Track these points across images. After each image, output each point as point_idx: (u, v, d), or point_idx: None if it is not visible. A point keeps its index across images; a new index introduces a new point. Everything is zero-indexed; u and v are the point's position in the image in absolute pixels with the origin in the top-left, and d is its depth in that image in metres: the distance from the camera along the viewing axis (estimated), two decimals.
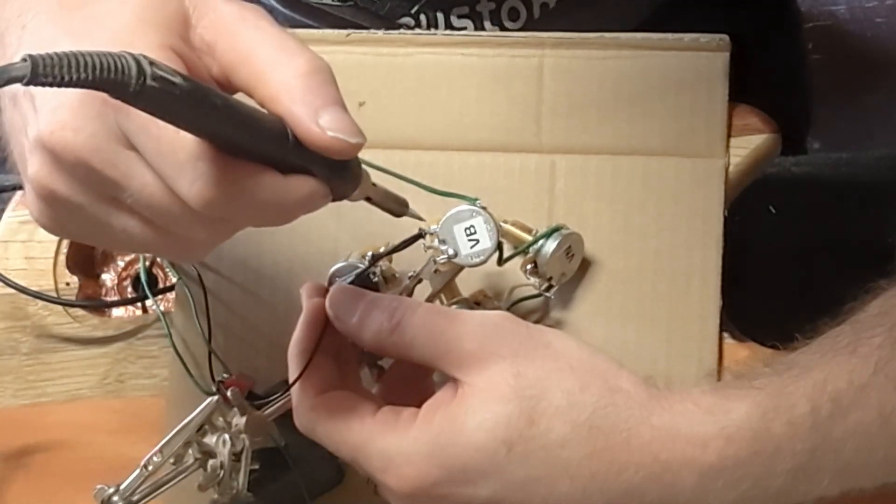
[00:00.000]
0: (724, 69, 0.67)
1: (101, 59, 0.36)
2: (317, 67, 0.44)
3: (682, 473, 0.49)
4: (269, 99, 0.44)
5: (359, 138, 0.44)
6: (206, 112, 0.41)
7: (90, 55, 0.36)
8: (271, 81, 0.44)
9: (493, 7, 0.77)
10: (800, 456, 0.49)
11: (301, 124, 0.43)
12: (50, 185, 0.45)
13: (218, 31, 0.45)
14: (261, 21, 0.45)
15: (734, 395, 0.50)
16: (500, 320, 0.52)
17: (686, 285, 0.65)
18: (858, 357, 0.50)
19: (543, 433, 0.49)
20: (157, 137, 0.42)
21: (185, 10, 0.46)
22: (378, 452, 0.51)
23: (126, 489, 0.57)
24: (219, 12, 0.46)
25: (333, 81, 0.45)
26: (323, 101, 0.43)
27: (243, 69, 0.44)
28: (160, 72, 0.38)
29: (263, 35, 0.45)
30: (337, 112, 0.44)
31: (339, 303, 0.53)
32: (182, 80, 0.39)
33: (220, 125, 0.41)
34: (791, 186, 0.80)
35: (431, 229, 0.59)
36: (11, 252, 0.70)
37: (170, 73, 0.38)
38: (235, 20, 0.45)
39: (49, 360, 0.70)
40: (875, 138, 1.56)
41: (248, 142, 0.43)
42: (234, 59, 0.45)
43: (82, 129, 0.43)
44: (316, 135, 0.43)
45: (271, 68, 0.44)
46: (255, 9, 0.46)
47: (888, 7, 1.62)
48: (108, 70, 0.36)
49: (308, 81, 0.43)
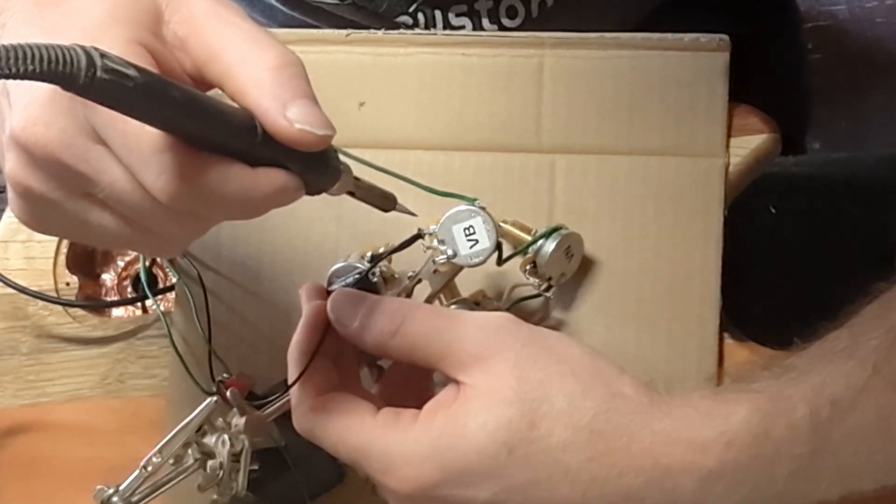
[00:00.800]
0: (724, 69, 0.67)
1: (51, 52, 0.36)
2: (287, 62, 0.44)
3: (682, 478, 0.49)
4: (238, 93, 0.44)
5: (327, 130, 0.44)
6: (165, 105, 0.40)
7: (39, 47, 0.36)
8: (241, 75, 0.44)
9: (492, 5, 0.77)
10: (799, 459, 0.49)
11: (268, 117, 0.43)
12: (25, 181, 0.46)
13: (190, 27, 0.46)
14: (233, 17, 0.46)
15: (733, 400, 0.50)
16: (502, 322, 0.52)
17: (686, 285, 0.65)
18: (856, 360, 0.50)
19: (544, 436, 0.49)
20: (122, 131, 0.42)
21: (158, 6, 0.46)
22: (378, 453, 0.51)
23: (126, 490, 0.57)
24: (192, 8, 0.46)
25: (304, 75, 0.45)
26: (292, 94, 0.43)
27: (214, 64, 0.45)
28: (112, 64, 0.38)
29: (235, 30, 0.45)
30: (306, 105, 0.44)
31: (340, 307, 0.53)
32: (136, 72, 0.39)
33: (182, 118, 0.41)
34: (791, 186, 0.80)
35: (431, 229, 0.59)
36: (11, 252, 0.70)
37: (123, 66, 0.38)
38: (208, 15, 0.46)
39: (49, 360, 0.70)
40: (875, 138, 1.56)
41: (212, 135, 0.43)
42: (205, 54, 0.45)
43: (52, 124, 0.44)
44: (283, 127, 0.43)
45: (241, 62, 0.44)
46: (228, 4, 0.46)
47: (888, 7, 1.62)
48: (55, 62, 0.36)
49: (277, 75, 0.44)
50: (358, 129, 0.68)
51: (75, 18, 0.45)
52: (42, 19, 0.46)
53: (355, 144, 0.65)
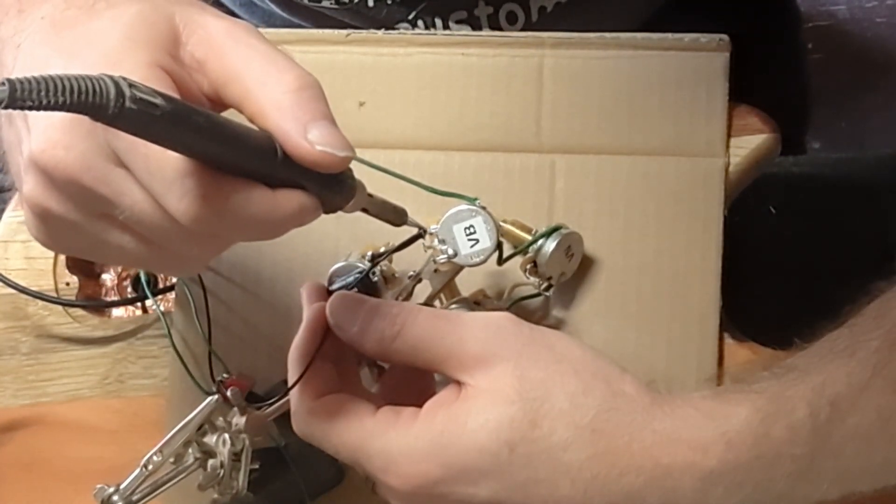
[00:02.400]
0: (724, 69, 0.67)
1: (80, 83, 0.36)
2: (306, 83, 0.44)
3: (682, 478, 0.49)
4: (258, 115, 0.44)
5: (347, 152, 0.44)
6: (190, 131, 0.41)
7: (68, 78, 0.36)
8: (260, 97, 0.44)
9: (491, 11, 0.77)
10: (799, 460, 0.49)
11: (289, 139, 0.43)
12: (44, 202, 0.46)
13: (208, 48, 0.45)
14: (251, 38, 0.46)
15: (734, 400, 0.50)
16: (503, 322, 0.52)
17: (686, 285, 0.65)
18: (856, 360, 0.50)
19: (546, 435, 0.49)
20: (144, 155, 0.42)
21: (175, 28, 0.46)
22: (378, 451, 0.51)
23: (126, 489, 0.57)
24: (209, 29, 0.46)
25: (323, 97, 0.45)
26: (311, 115, 0.44)
27: (233, 86, 0.45)
28: (140, 94, 0.38)
29: (253, 52, 0.45)
30: (325, 127, 0.44)
31: (340, 311, 0.53)
32: (163, 100, 0.39)
33: (205, 144, 0.42)
34: (791, 186, 0.80)
35: (431, 229, 0.59)
36: (11, 252, 0.70)
37: (150, 95, 0.38)
38: (225, 37, 0.46)
39: (49, 360, 0.70)
40: (875, 138, 1.56)
41: (234, 158, 0.43)
42: (223, 76, 0.45)
43: (73, 147, 0.44)
44: (304, 149, 0.43)
45: (260, 84, 0.44)
46: (245, 26, 0.46)
47: (888, 7, 1.62)
48: (86, 94, 0.37)
49: (297, 97, 0.44)
50: (358, 129, 0.67)
51: (93, 41, 0.45)
52: (59, 41, 0.46)
53: (355, 144, 0.64)
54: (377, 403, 0.52)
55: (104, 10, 0.46)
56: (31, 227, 0.48)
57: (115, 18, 0.45)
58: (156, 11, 0.46)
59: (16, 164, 0.48)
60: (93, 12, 0.46)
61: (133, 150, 0.43)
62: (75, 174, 0.44)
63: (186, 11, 0.46)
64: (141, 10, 0.45)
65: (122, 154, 0.43)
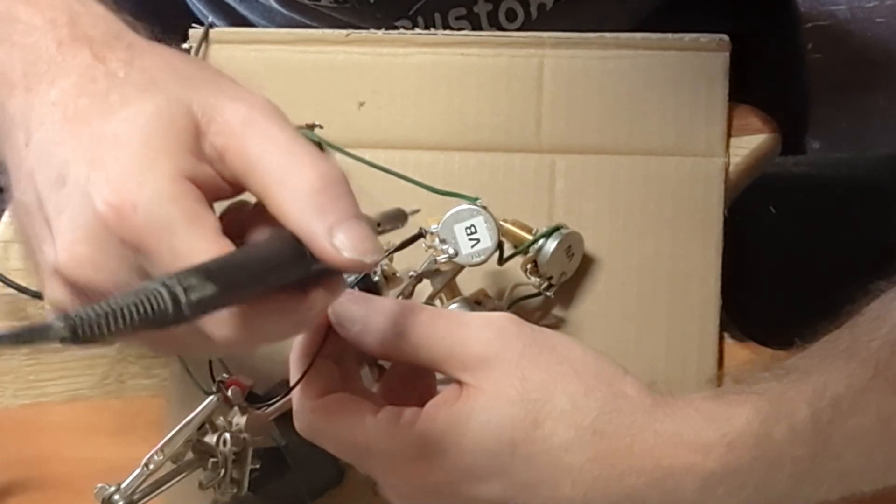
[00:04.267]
0: (724, 69, 0.67)
1: (137, 306, 0.36)
2: (329, 180, 0.43)
3: (683, 480, 0.49)
4: (280, 214, 0.43)
5: (375, 255, 0.43)
6: (236, 297, 0.41)
7: (126, 304, 0.36)
8: (282, 197, 0.43)
9: (491, 8, 0.77)
10: (800, 461, 0.49)
11: (315, 244, 0.42)
12: (69, 304, 0.45)
13: (227, 138, 0.44)
14: (270, 125, 0.44)
15: (735, 401, 0.50)
16: (504, 323, 0.52)
17: (686, 285, 0.65)
18: (857, 361, 0.50)
19: (547, 436, 0.49)
20: None
21: (195, 120, 0.44)
22: (380, 451, 0.51)
23: (127, 488, 0.57)
24: (226, 116, 0.44)
25: (347, 191, 0.44)
26: (336, 217, 0.42)
27: (254, 179, 0.44)
28: (195, 295, 0.37)
29: (273, 144, 0.44)
30: (351, 229, 0.42)
31: (342, 310, 0.53)
32: (214, 286, 0.38)
33: (246, 296, 0.41)
34: (791, 186, 0.80)
35: (432, 229, 0.59)
36: (11, 252, 0.70)
37: (202, 286, 0.38)
38: (244, 125, 0.44)
39: (49, 360, 0.69)
40: (875, 138, 1.56)
41: (271, 287, 0.42)
42: (243, 169, 0.44)
43: (103, 265, 0.43)
44: (331, 256, 0.42)
45: (281, 182, 0.43)
46: (263, 108, 0.45)
47: (888, 7, 1.62)
48: (145, 314, 0.36)
49: (319, 198, 0.42)
50: (358, 129, 0.68)
51: (112, 146, 0.43)
52: (76, 141, 0.44)
53: (355, 144, 0.65)
54: (378, 403, 0.52)
55: (119, 105, 0.44)
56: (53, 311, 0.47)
57: (131, 121, 0.44)
58: (172, 106, 0.44)
59: (33, 251, 0.46)
60: (107, 107, 0.44)
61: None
62: (105, 288, 0.43)
63: (203, 97, 0.45)
64: (158, 108, 0.44)
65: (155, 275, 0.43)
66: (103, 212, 0.42)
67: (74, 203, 0.43)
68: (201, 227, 0.42)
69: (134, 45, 0.47)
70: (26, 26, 0.48)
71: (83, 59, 0.46)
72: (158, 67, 0.46)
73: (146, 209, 0.42)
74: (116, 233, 0.42)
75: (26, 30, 0.48)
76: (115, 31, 0.48)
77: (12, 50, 0.48)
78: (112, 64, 0.46)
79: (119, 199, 0.42)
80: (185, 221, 0.42)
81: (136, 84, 0.45)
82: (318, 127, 0.65)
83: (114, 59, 0.46)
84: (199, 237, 0.42)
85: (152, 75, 0.46)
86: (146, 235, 0.42)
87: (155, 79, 0.45)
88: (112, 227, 0.42)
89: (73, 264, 0.43)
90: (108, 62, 0.46)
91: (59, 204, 0.44)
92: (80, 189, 0.43)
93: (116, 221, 0.42)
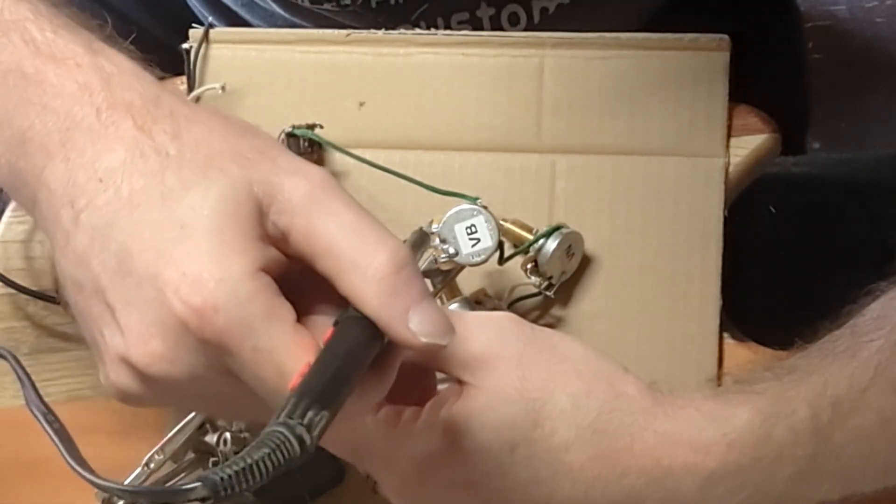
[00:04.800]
0: (724, 69, 0.67)
1: (270, 457, 0.37)
2: (400, 262, 0.42)
3: (684, 479, 0.49)
4: (356, 299, 0.42)
5: (449, 336, 0.43)
6: (342, 405, 0.41)
7: (258, 458, 0.36)
8: (354, 283, 0.42)
9: (493, 12, 0.77)
10: (800, 461, 0.49)
11: (393, 331, 0.42)
12: (137, 393, 0.44)
13: (291, 216, 0.43)
14: (333, 201, 0.43)
15: (735, 401, 0.50)
16: (505, 322, 0.52)
17: (686, 285, 0.65)
18: (858, 361, 0.50)
19: (547, 436, 0.49)
20: (262, 382, 0.42)
21: (258, 201, 0.43)
22: (380, 451, 0.51)
23: None
24: (287, 194, 0.43)
25: (416, 270, 0.43)
26: (411, 299, 0.42)
27: (324, 263, 0.43)
28: (317, 431, 0.38)
29: (338, 225, 0.43)
30: (425, 311, 0.42)
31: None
32: (328, 413, 0.39)
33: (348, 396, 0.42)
34: (791, 186, 0.80)
35: (433, 228, 0.59)
36: (11, 252, 0.70)
37: (319, 417, 0.38)
38: (307, 203, 0.43)
39: (49, 360, 0.69)
40: (875, 138, 1.56)
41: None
42: (311, 252, 0.43)
43: (180, 361, 0.42)
44: (409, 340, 0.42)
45: (354, 267, 0.42)
46: (324, 183, 0.44)
47: (888, 7, 1.62)
48: (277, 464, 0.37)
49: (393, 283, 0.42)
50: (358, 129, 0.68)
51: (181, 239, 0.42)
52: (135, 228, 0.42)
53: (355, 144, 0.65)
54: (378, 402, 0.52)
55: (179, 190, 0.43)
56: (110, 393, 0.46)
57: (196, 209, 0.42)
58: (236, 190, 0.43)
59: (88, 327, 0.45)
60: (166, 191, 0.43)
61: (251, 376, 0.42)
62: (182, 382, 0.42)
63: (261, 175, 0.43)
64: (222, 195, 0.42)
65: (238, 372, 0.42)
66: (183, 314, 0.41)
67: (146, 297, 0.42)
68: (281, 323, 0.42)
69: (175, 113, 0.45)
70: (57, 89, 0.46)
71: (126, 129, 0.44)
72: (208, 142, 0.44)
73: (227, 311, 0.41)
74: (196, 334, 0.41)
75: (57, 93, 0.46)
76: (150, 93, 0.46)
77: (45, 115, 0.46)
78: (159, 137, 0.44)
79: (199, 301, 0.41)
80: (265, 319, 0.41)
81: (191, 165, 0.43)
82: (319, 127, 0.65)
83: (160, 132, 0.44)
84: (280, 334, 0.41)
85: (206, 153, 0.44)
86: (228, 337, 0.41)
87: (210, 156, 0.44)
88: (192, 329, 0.41)
89: (148, 360, 0.42)
90: (155, 135, 0.44)
91: (126, 295, 0.42)
92: (150, 283, 0.42)
93: (198, 324, 0.41)
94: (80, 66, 0.47)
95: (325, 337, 0.42)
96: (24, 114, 0.46)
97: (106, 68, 0.47)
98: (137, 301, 0.42)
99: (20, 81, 0.47)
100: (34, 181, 0.46)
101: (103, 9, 0.86)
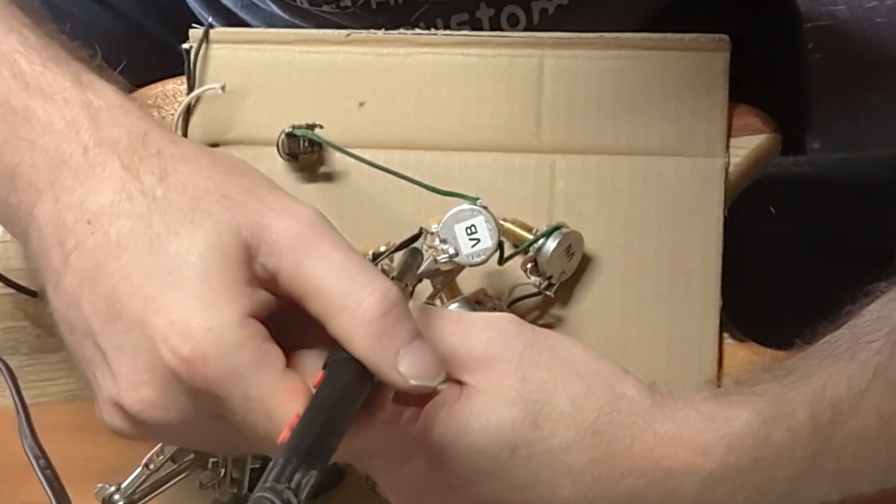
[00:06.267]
0: (724, 69, 0.67)
1: None
2: (389, 303, 0.42)
3: (683, 480, 0.49)
4: (345, 341, 0.43)
5: (439, 377, 0.43)
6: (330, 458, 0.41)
7: None
8: (343, 325, 0.42)
9: (493, 13, 0.77)
10: (800, 463, 0.49)
11: (381, 373, 0.42)
12: (130, 433, 0.45)
13: (279, 258, 0.43)
14: (322, 242, 0.43)
15: (735, 402, 0.50)
16: (505, 323, 0.52)
17: (686, 285, 0.65)
18: (857, 362, 0.50)
19: (547, 437, 0.49)
20: (252, 427, 0.42)
21: (245, 244, 0.43)
22: (380, 451, 0.51)
23: (127, 488, 0.57)
24: (274, 235, 0.43)
25: (406, 311, 0.43)
26: (400, 341, 0.42)
27: (312, 304, 0.43)
28: (305, 494, 0.39)
29: (328, 264, 0.43)
30: (415, 353, 0.43)
31: None
32: (315, 471, 0.40)
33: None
34: (791, 186, 0.80)
35: (432, 228, 0.59)
36: (11, 252, 0.70)
37: (307, 477, 0.39)
38: (295, 245, 0.43)
39: (49, 360, 0.69)
40: (875, 138, 1.56)
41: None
42: (301, 292, 0.43)
43: (171, 407, 0.43)
44: (398, 383, 0.43)
45: (343, 309, 0.42)
46: (312, 223, 0.44)
47: (888, 7, 1.62)
48: None
49: (382, 325, 0.42)
50: (358, 129, 0.68)
51: (169, 286, 0.42)
52: (123, 273, 0.43)
53: (355, 144, 0.65)
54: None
55: (166, 235, 0.43)
56: (108, 428, 0.46)
57: (183, 256, 0.42)
58: (223, 235, 0.43)
59: (83, 354, 0.45)
60: (153, 237, 0.43)
61: (241, 422, 0.42)
62: (173, 427, 0.43)
63: (248, 216, 0.43)
64: (209, 240, 0.43)
65: (228, 418, 0.42)
66: (173, 363, 0.41)
67: (135, 343, 0.42)
68: (271, 370, 0.42)
69: (163, 152, 0.45)
70: (45, 126, 0.46)
71: (113, 170, 0.44)
72: (195, 182, 0.44)
73: (216, 361, 0.41)
74: (187, 383, 0.41)
75: (45, 129, 0.46)
76: (138, 130, 0.46)
77: (34, 152, 0.46)
78: (146, 178, 0.44)
79: (188, 351, 0.41)
80: (254, 367, 0.42)
81: (178, 207, 0.43)
82: (319, 127, 0.65)
83: (147, 173, 0.44)
84: (269, 381, 0.42)
85: (192, 193, 0.44)
86: (218, 386, 0.41)
87: (196, 198, 0.44)
88: (183, 378, 0.41)
89: (140, 406, 0.43)
90: (142, 176, 0.44)
91: (117, 340, 0.43)
92: (139, 330, 0.42)
93: (188, 373, 0.41)
94: (67, 102, 0.47)
95: (315, 381, 0.43)
96: (13, 150, 0.47)
97: (94, 104, 0.47)
98: (127, 346, 0.42)
99: (9, 116, 0.47)
100: (25, 217, 0.46)
101: (104, 10, 0.86)
